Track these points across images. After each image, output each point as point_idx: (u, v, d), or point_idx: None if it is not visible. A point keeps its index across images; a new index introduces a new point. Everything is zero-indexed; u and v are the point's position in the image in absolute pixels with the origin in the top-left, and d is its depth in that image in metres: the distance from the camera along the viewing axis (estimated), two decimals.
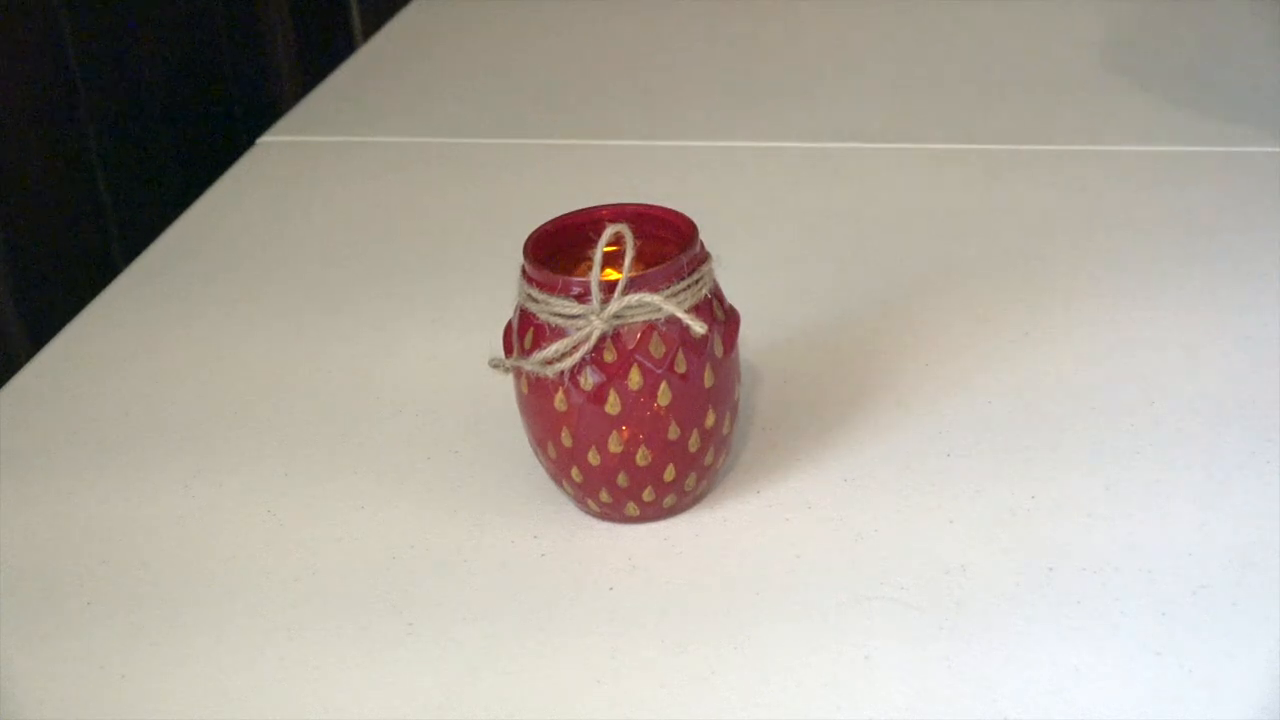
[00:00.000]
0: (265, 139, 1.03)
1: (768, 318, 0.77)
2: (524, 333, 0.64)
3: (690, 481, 0.65)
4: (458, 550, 0.66)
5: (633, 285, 0.62)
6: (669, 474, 0.64)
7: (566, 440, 0.64)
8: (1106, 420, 0.70)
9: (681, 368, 0.62)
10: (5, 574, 0.67)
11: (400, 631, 0.62)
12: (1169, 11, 1.09)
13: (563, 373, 0.62)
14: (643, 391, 0.62)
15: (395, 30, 1.19)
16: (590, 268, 0.62)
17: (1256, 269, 0.80)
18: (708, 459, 0.65)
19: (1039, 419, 0.70)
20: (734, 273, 0.71)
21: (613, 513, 0.65)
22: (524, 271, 0.64)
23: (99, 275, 0.94)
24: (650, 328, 0.62)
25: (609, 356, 0.62)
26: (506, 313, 0.66)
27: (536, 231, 0.65)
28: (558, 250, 0.65)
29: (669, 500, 0.65)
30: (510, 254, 0.65)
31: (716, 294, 0.64)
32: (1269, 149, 0.90)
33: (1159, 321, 0.76)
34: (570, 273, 0.64)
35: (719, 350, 0.64)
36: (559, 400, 0.63)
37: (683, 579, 0.63)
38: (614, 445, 0.63)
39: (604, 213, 0.66)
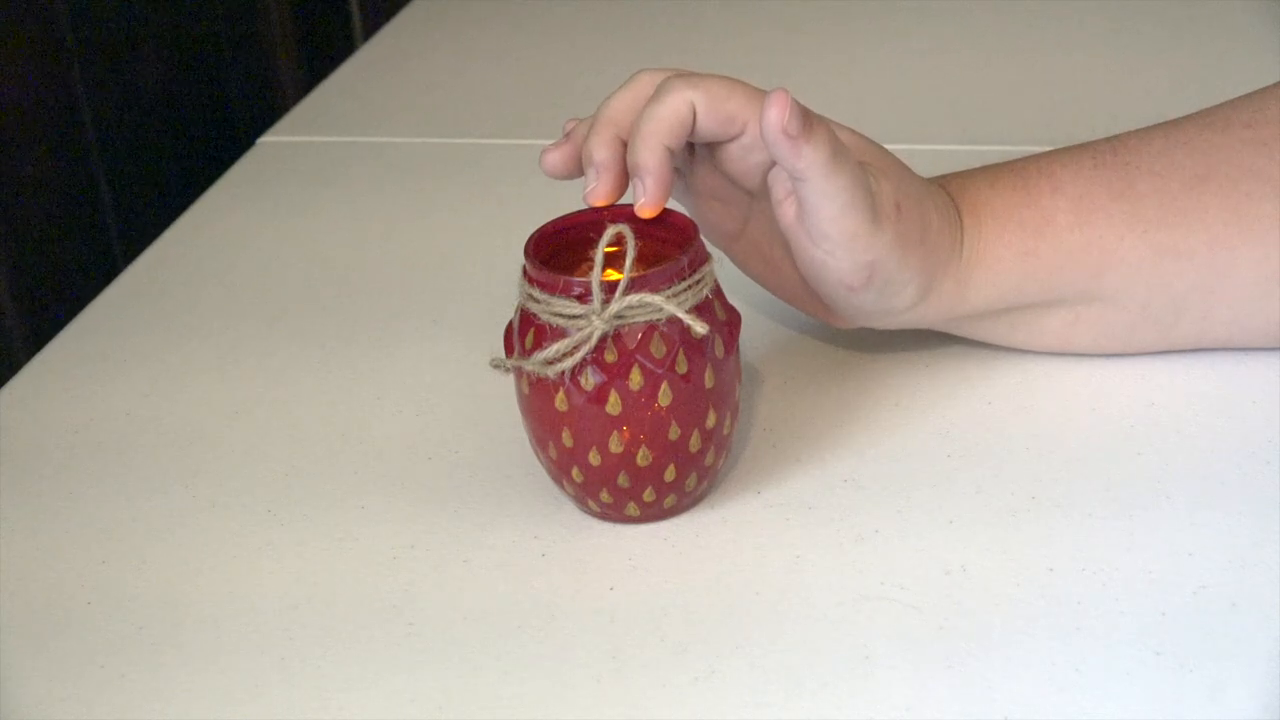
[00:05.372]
0: (265, 139, 1.03)
1: (768, 318, 0.77)
2: (525, 333, 0.64)
3: (691, 482, 0.65)
4: (458, 550, 0.66)
5: (633, 286, 0.62)
6: (669, 474, 0.64)
7: (567, 440, 0.64)
8: (1106, 420, 0.70)
9: (682, 368, 0.62)
10: (5, 573, 0.67)
11: (400, 631, 0.62)
12: (1169, 11, 1.09)
13: (563, 373, 0.62)
14: (643, 392, 0.62)
15: (395, 30, 1.19)
16: (591, 268, 0.62)
17: None
18: (708, 459, 0.65)
19: (1039, 419, 0.70)
20: (734, 273, 0.71)
21: (613, 513, 0.65)
22: (525, 272, 0.64)
23: (99, 275, 0.94)
24: (651, 328, 0.62)
25: (610, 357, 0.62)
26: (507, 313, 0.66)
27: (538, 232, 0.65)
28: (559, 250, 0.65)
29: (669, 500, 0.65)
30: (510, 254, 0.65)
31: (717, 294, 0.64)
32: None
33: None
34: (571, 273, 0.64)
35: (720, 350, 0.64)
36: (559, 400, 0.63)
37: (683, 579, 0.63)
38: (614, 445, 0.63)
39: (605, 213, 0.66)
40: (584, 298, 0.62)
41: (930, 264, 0.67)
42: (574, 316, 0.62)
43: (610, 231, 0.62)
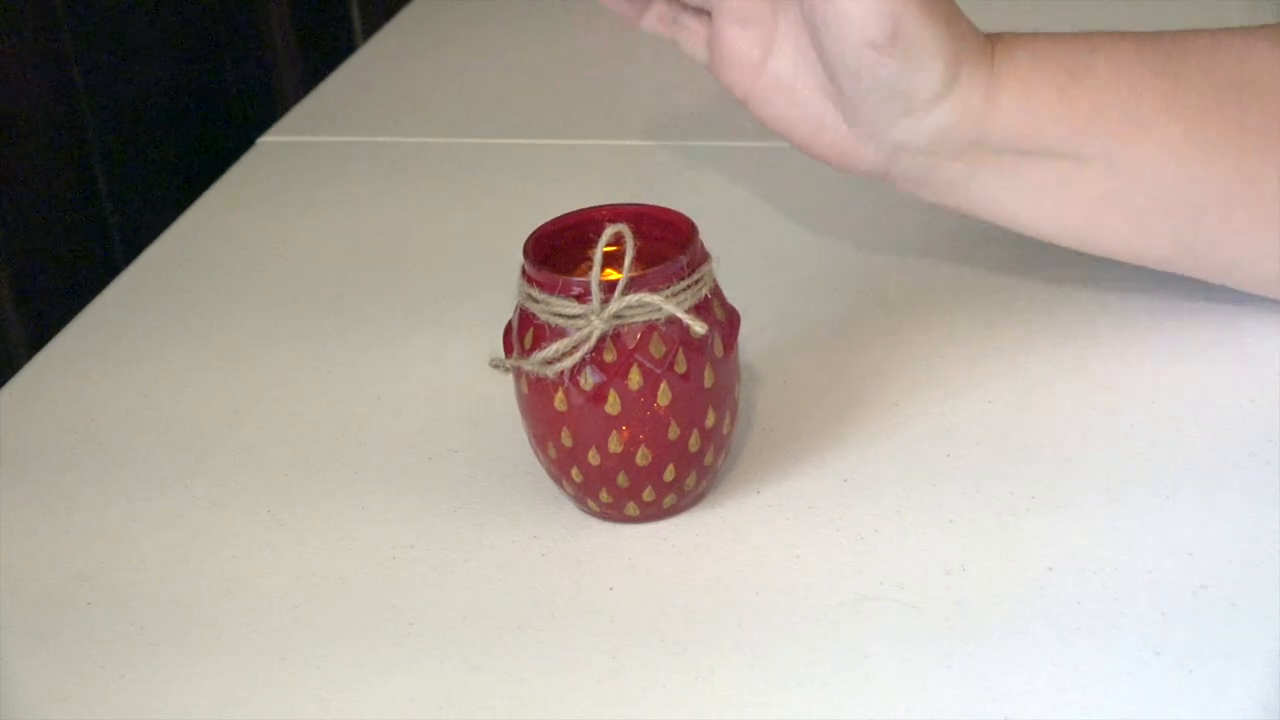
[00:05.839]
0: (265, 139, 1.03)
1: (768, 318, 0.77)
2: (524, 333, 0.64)
3: (690, 481, 0.65)
4: (458, 550, 0.66)
5: (633, 285, 0.62)
6: (669, 474, 0.64)
7: (566, 440, 0.64)
8: (1106, 420, 0.70)
9: (681, 368, 0.62)
10: (5, 574, 0.67)
11: (400, 631, 0.62)
12: (1170, 12, 1.09)
13: (563, 373, 0.62)
14: (643, 391, 0.62)
15: (395, 30, 1.19)
16: (590, 268, 0.62)
17: None
18: (708, 459, 0.65)
19: (1039, 419, 0.70)
20: (734, 273, 0.71)
21: (613, 513, 0.66)
22: (524, 271, 0.64)
23: (99, 275, 0.94)
24: (650, 328, 0.62)
25: (609, 356, 0.62)
26: (506, 313, 0.66)
27: (536, 231, 0.65)
28: (558, 250, 0.65)
29: (669, 500, 0.65)
30: (510, 254, 0.65)
31: (716, 294, 0.64)
32: None
33: (1159, 321, 0.76)
34: (570, 273, 0.64)
35: (719, 350, 0.64)
36: (559, 400, 0.63)
37: (683, 579, 0.63)
38: (614, 445, 0.63)
39: (604, 213, 0.66)
40: (583, 297, 0.62)
41: (956, 46, 0.66)
42: (573, 316, 0.62)
43: (609, 231, 0.62)
